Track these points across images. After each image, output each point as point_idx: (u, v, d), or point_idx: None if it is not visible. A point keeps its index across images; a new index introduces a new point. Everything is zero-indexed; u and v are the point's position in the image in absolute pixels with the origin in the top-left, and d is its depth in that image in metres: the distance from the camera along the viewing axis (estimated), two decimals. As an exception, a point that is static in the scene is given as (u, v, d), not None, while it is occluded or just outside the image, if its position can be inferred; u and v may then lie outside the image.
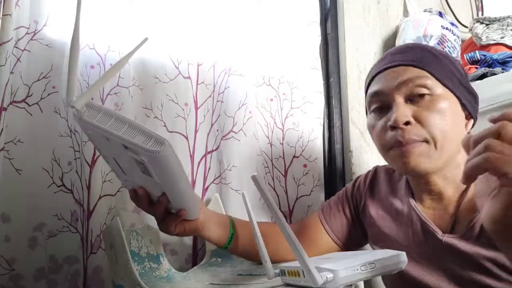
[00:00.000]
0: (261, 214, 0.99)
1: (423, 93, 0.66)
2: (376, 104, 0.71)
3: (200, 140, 1.00)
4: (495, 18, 1.31)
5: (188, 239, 0.96)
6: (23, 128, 0.81)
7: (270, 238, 0.73)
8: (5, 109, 0.76)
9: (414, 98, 0.67)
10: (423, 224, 0.70)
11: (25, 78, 0.82)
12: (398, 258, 0.56)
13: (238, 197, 0.98)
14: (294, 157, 1.10)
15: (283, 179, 1.08)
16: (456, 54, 1.25)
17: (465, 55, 1.24)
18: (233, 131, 1.02)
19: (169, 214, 0.67)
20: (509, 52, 1.20)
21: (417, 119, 0.65)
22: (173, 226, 0.68)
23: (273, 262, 0.63)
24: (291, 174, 1.08)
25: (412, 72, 0.68)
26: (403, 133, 0.65)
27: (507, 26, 1.28)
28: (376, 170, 0.86)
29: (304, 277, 0.53)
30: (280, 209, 1.04)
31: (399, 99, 0.67)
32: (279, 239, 0.65)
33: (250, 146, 1.04)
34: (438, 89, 0.67)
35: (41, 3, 0.84)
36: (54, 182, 0.83)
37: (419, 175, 0.69)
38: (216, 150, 1.02)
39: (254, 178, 0.51)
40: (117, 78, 0.89)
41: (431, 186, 0.70)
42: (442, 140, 0.65)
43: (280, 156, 1.08)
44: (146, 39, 0.62)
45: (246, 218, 0.69)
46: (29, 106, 0.82)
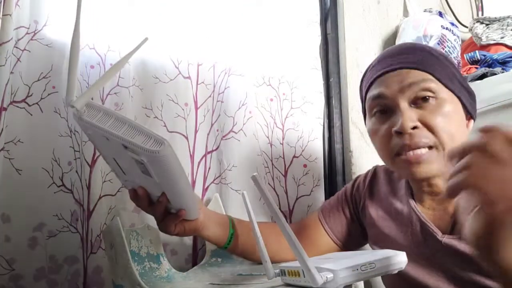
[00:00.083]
0: (261, 214, 0.99)
1: (428, 96, 0.66)
2: (378, 107, 0.70)
3: (200, 140, 1.00)
4: (495, 18, 1.31)
5: (188, 239, 0.96)
6: (23, 128, 0.81)
7: (270, 238, 0.73)
8: (5, 109, 0.76)
9: (418, 101, 0.66)
10: (423, 224, 0.70)
11: (25, 78, 0.82)
12: (398, 258, 0.56)
13: (238, 197, 0.98)
14: (294, 157, 1.10)
15: (283, 179, 1.08)
16: (456, 54, 1.25)
17: (465, 55, 1.24)
18: (233, 131, 1.02)
19: (169, 214, 0.67)
20: (509, 52, 1.20)
21: (423, 123, 0.65)
22: (173, 226, 0.68)
23: (273, 262, 0.63)
24: (291, 174, 1.08)
25: (415, 75, 0.67)
26: (410, 137, 0.64)
27: (507, 26, 1.28)
28: (375, 170, 0.86)
29: (304, 277, 0.53)
30: (280, 209, 1.04)
31: (404, 103, 0.66)
32: (279, 239, 0.65)
33: (250, 146, 1.04)
34: (442, 91, 0.67)
35: (41, 3, 0.84)
36: (54, 182, 0.83)
37: (423, 179, 0.69)
38: (216, 150, 1.02)
39: (254, 178, 0.51)
40: (117, 78, 0.89)
41: (433, 188, 0.70)
42: (450, 143, 0.64)
43: (280, 156, 1.08)
44: (146, 39, 0.62)
45: (246, 218, 0.69)
46: (29, 106, 0.82)
